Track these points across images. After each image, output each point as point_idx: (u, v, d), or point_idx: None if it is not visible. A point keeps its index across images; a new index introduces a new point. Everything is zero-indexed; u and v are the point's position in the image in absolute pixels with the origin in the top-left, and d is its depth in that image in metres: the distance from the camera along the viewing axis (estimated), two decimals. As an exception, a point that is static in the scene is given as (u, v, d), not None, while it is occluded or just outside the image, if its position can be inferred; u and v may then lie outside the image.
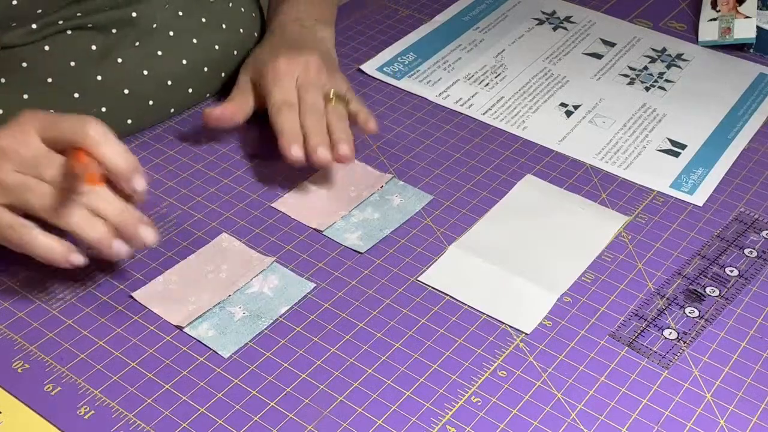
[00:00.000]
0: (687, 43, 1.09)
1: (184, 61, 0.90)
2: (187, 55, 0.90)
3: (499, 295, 0.76)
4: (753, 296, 0.78)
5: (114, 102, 0.86)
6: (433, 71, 1.02)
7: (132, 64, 0.87)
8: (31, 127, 0.69)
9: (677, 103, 0.99)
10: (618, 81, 1.02)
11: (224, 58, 0.94)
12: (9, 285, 0.74)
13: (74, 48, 0.83)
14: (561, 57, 1.06)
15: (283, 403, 0.67)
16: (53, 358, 0.69)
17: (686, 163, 0.91)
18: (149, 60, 0.88)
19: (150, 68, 0.88)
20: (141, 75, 0.87)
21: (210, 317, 0.73)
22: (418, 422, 0.66)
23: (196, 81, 0.92)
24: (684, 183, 0.89)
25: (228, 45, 0.94)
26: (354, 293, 0.76)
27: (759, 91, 1.02)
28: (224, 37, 0.94)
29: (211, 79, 0.94)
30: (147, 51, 0.88)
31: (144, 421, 0.65)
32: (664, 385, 0.70)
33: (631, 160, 0.91)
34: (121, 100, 0.87)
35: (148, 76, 0.88)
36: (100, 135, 0.68)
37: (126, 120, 0.88)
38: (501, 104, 0.98)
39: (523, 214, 0.84)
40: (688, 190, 0.88)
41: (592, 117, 0.97)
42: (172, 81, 0.90)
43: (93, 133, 0.68)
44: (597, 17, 1.13)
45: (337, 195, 0.85)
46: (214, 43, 0.93)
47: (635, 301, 0.76)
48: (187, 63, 0.91)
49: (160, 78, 0.89)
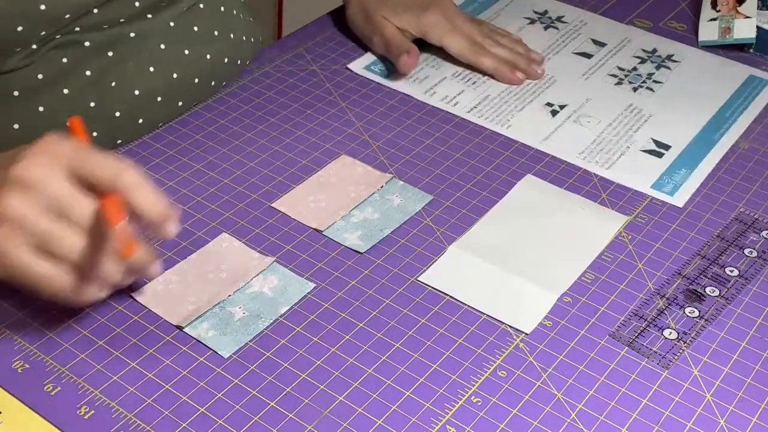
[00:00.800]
0: (678, 44, 1.08)
1: (175, 75, 0.89)
2: (178, 68, 0.89)
3: (499, 295, 0.76)
4: (753, 296, 0.78)
5: (105, 125, 0.86)
6: (420, 69, 1.02)
7: (125, 85, 0.86)
8: (59, 163, 0.65)
9: (664, 103, 0.99)
10: (606, 81, 1.02)
11: (215, 68, 0.93)
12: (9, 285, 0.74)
13: (68, 76, 0.82)
14: (550, 56, 1.06)
15: (283, 403, 0.67)
16: (53, 358, 0.69)
17: (669, 164, 0.91)
18: (141, 78, 0.87)
19: (141, 87, 0.87)
20: (132, 95, 0.86)
21: (210, 317, 0.73)
22: (418, 422, 0.66)
23: (187, 93, 0.92)
24: (666, 184, 0.89)
25: (220, 53, 0.93)
26: (354, 293, 0.76)
27: (748, 93, 1.02)
28: (216, 46, 0.93)
29: (202, 90, 0.93)
30: (140, 69, 0.86)
31: (144, 421, 0.65)
32: (664, 385, 0.70)
33: (614, 160, 0.91)
34: (112, 121, 0.86)
35: (139, 95, 0.87)
36: (134, 183, 0.65)
37: (116, 140, 0.88)
38: (486, 102, 0.98)
39: (523, 214, 0.84)
40: (669, 191, 0.88)
41: (577, 117, 0.97)
42: (162, 97, 0.89)
43: (128, 182, 0.65)
44: (589, 17, 1.13)
45: (337, 195, 0.85)
46: (205, 53, 0.92)
47: (635, 301, 0.76)
48: (178, 76, 0.89)
49: (151, 95, 0.88)
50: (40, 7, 0.78)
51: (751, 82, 1.03)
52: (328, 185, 0.86)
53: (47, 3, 0.78)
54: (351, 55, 1.03)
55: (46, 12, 0.78)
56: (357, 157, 0.89)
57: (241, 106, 0.95)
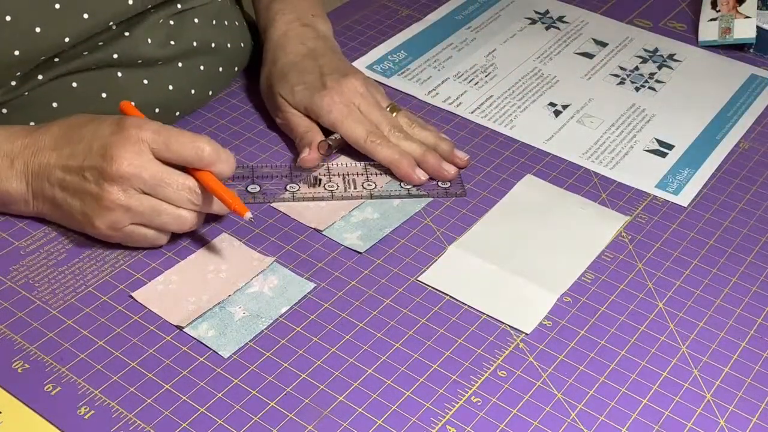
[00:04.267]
0: (680, 44, 1.09)
1: (171, 86, 0.89)
2: (173, 80, 0.89)
3: (499, 295, 0.76)
4: (753, 296, 0.78)
5: None
6: (423, 69, 1.02)
7: (117, 97, 0.84)
8: (146, 147, 0.72)
9: (667, 103, 0.99)
10: (608, 81, 1.02)
11: (210, 78, 0.93)
12: (9, 285, 0.74)
13: (56, 90, 0.82)
14: (552, 56, 1.06)
15: (283, 403, 0.67)
16: (53, 358, 0.69)
17: (673, 164, 0.91)
18: (135, 89, 0.86)
19: (136, 98, 0.86)
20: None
21: (210, 317, 0.73)
22: (418, 422, 0.66)
23: (184, 104, 0.91)
24: (670, 183, 0.89)
25: (214, 64, 0.93)
26: (354, 293, 0.76)
27: (750, 92, 1.02)
28: (211, 57, 0.92)
29: (199, 100, 0.93)
30: (132, 82, 0.86)
31: (144, 421, 0.65)
32: (664, 385, 0.70)
33: (618, 160, 0.91)
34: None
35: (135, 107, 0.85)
36: (213, 155, 0.74)
37: None
38: (489, 103, 0.98)
39: (523, 214, 0.84)
40: (674, 191, 0.88)
41: (580, 117, 0.97)
42: (159, 108, 0.88)
43: (207, 156, 0.74)
44: (590, 17, 1.13)
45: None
46: (199, 64, 0.91)
47: (635, 301, 0.76)
48: (174, 88, 0.89)
49: (148, 107, 0.87)
50: (14, 53, 0.77)
51: (753, 82, 1.03)
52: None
53: (20, 48, 0.77)
54: (352, 55, 1.03)
55: (21, 56, 0.77)
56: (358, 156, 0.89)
57: (241, 106, 0.95)
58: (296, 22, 0.94)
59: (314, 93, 0.87)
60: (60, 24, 0.78)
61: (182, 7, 0.88)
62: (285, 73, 0.90)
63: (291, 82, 0.89)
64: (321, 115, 0.87)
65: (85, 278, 0.75)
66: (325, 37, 0.95)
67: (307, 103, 0.88)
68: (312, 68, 0.90)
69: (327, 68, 0.90)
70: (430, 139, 0.88)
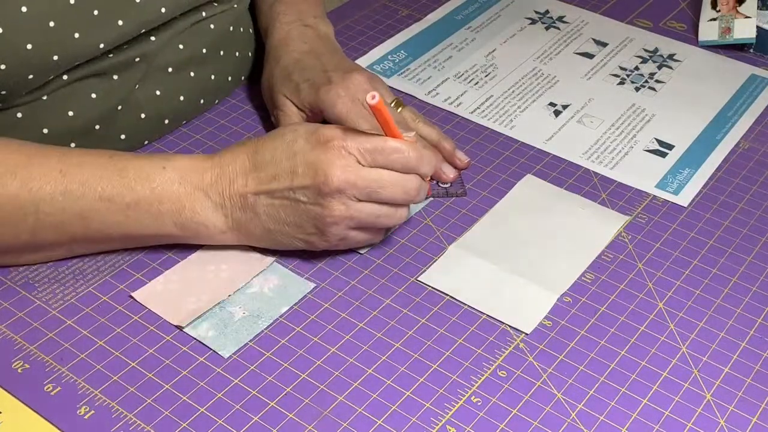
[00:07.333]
0: (680, 44, 1.09)
1: (182, 97, 0.89)
2: (184, 91, 0.89)
3: (499, 295, 0.76)
4: (753, 296, 0.78)
5: (110, 147, 0.82)
6: (423, 69, 1.02)
7: (131, 108, 0.85)
8: (352, 157, 0.73)
9: (667, 103, 0.99)
10: (608, 81, 1.02)
11: (219, 86, 0.93)
12: (9, 285, 0.74)
13: (73, 97, 0.81)
14: (552, 57, 1.06)
15: (283, 403, 0.67)
16: (53, 358, 0.69)
17: (673, 164, 0.91)
18: (148, 101, 0.86)
19: (149, 110, 0.86)
20: (138, 118, 0.86)
21: (210, 317, 0.73)
22: (418, 422, 0.66)
23: (193, 114, 0.92)
24: (670, 183, 0.89)
25: (223, 72, 0.93)
26: (354, 293, 0.76)
27: (750, 92, 1.02)
28: (221, 65, 0.92)
29: (205, 109, 0.93)
30: (146, 93, 0.86)
31: (144, 421, 0.65)
32: (664, 385, 0.70)
33: (618, 160, 0.91)
34: (117, 143, 0.85)
35: (145, 118, 0.86)
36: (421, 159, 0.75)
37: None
38: (489, 103, 0.98)
39: (523, 214, 0.84)
40: (674, 191, 0.88)
41: (580, 117, 0.97)
42: (169, 120, 0.89)
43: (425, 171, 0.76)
44: (590, 17, 1.13)
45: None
46: (210, 73, 0.91)
47: (635, 301, 0.76)
48: (185, 99, 0.89)
49: (158, 118, 0.87)
50: (53, 58, 0.76)
51: (753, 82, 1.03)
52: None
53: (59, 53, 0.76)
54: (353, 55, 1.03)
55: (59, 61, 0.77)
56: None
57: (241, 106, 0.95)
58: (298, 23, 0.94)
59: (319, 88, 0.87)
60: (97, 30, 0.78)
61: (206, 15, 0.89)
62: (289, 72, 0.90)
63: (295, 80, 0.89)
64: (326, 109, 0.86)
65: (85, 278, 0.75)
66: (327, 38, 0.95)
67: (312, 99, 0.87)
68: (315, 66, 0.90)
69: (330, 65, 0.90)
70: (433, 135, 0.88)
